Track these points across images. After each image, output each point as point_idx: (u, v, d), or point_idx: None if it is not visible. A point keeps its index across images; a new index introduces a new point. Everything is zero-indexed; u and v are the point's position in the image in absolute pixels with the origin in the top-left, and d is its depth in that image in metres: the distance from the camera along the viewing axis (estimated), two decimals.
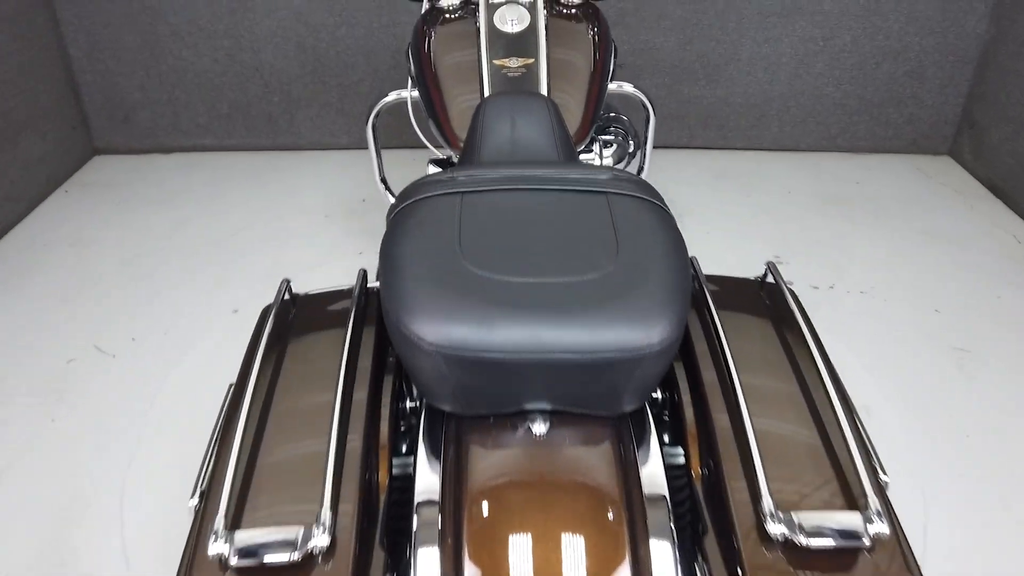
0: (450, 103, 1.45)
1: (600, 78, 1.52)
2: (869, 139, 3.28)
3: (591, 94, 1.49)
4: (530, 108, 1.36)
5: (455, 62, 1.50)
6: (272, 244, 2.59)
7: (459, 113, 1.44)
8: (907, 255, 2.58)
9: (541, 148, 1.32)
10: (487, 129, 1.34)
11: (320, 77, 3.13)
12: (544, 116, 1.35)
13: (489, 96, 1.39)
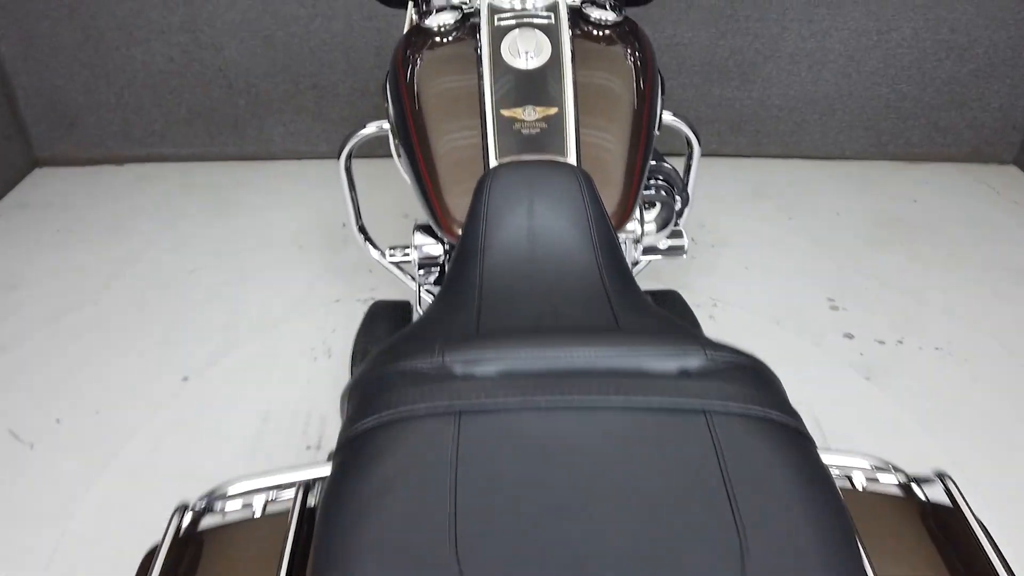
0: (441, 170, 1.05)
1: (647, 129, 1.12)
2: (924, 146, 2.86)
3: (636, 154, 1.08)
4: (555, 186, 0.96)
5: (447, 109, 1.09)
6: (233, 288, 2.19)
7: (452, 186, 1.03)
8: (985, 299, 2.18)
9: (572, 252, 0.91)
10: (494, 218, 0.94)
11: (293, 77, 2.69)
12: (575, 198, 0.95)
13: (497, 167, 0.98)
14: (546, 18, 1.11)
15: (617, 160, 1.06)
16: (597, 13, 1.18)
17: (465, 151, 1.05)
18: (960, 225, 2.53)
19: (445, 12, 1.18)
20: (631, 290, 0.89)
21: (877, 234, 2.47)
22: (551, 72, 1.07)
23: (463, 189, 1.03)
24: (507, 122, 1.03)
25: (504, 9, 1.12)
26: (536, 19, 1.11)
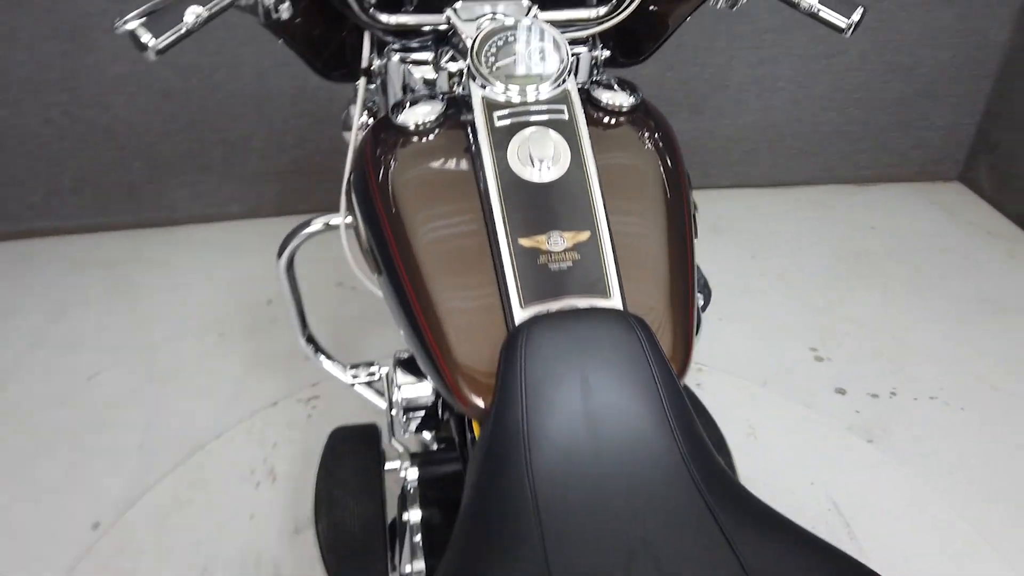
0: (445, 318, 0.80)
1: (691, 243, 0.90)
2: (872, 168, 2.79)
3: (686, 278, 0.87)
4: (610, 347, 0.73)
5: (445, 237, 0.84)
6: (145, 396, 1.85)
7: (463, 340, 0.79)
8: (969, 338, 2.09)
9: (647, 442, 0.69)
10: (536, 397, 0.71)
11: (197, 133, 2.36)
12: (638, 362, 0.73)
13: (529, 323, 0.75)
14: (558, 112, 0.88)
15: (666, 290, 0.84)
16: (608, 96, 0.96)
17: (476, 292, 0.80)
18: (922, 253, 2.44)
19: (422, 104, 0.93)
20: (730, 489, 0.67)
21: (844, 269, 2.36)
22: (574, 184, 0.84)
23: (479, 344, 0.78)
24: (529, 255, 0.80)
25: (503, 103, 0.88)
26: (546, 115, 0.88)
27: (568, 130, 0.87)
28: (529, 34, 0.93)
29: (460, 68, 1.04)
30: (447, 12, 1.03)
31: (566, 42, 0.93)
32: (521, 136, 0.85)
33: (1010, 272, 2.35)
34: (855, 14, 0.88)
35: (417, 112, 0.92)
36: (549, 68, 0.91)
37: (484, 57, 0.91)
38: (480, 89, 0.89)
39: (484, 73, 0.89)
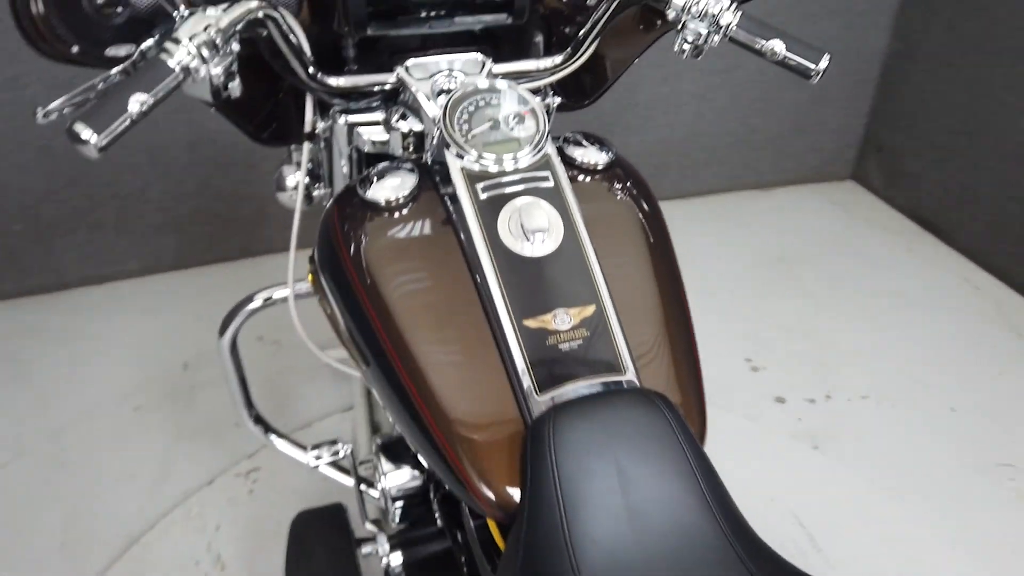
0: (449, 407, 0.74)
1: (684, 299, 0.88)
2: (773, 173, 2.90)
3: (689, 338, 0.85)
4: (639, 431, 0.70)
5: (438, 321, 0.78)
6: (58, 490, 1.67)
7: (476, 436, 0.73)
8: (886, 334, 2.19)
9: (693, 530, 0.66)
10: (573, 494, 0.66)
11: (85, 189, 2.17)
12: (669, 445, 0.70)
13: (554, 412, 0.70)
14: (542, 180, 0.83)
15: (673, 353, 0.81)
16: (580, 153, 0.92)
17: (484, 380, 0.75)
18: (829, 254, 2.55)
19: (390, 176, 0.86)
20: (770, 560, 0.65)
21: (762, 276, 2.43)
22: (571, 255, 0.80)
23: (494, 437, 0.73)
24: (536, 337, 0.75)
25: (485, 174, 0.83)
26: (531, 183, 0.83)
27: (555, 198, 0.83)
28: (502, 97, 0.88)
29: (413, 128, 0.98)
30: (398, 71, 0.97)
31: (541, 105, 0.89)
32: (510, 208, 0.80)
33: (911, 266, 2.49)
34: (822, 61, 0.88)
35: (388, 186, 0.86)
36: (526, 132, 0.86)
37: (457, 124, 0.85)
38: (457, 159, 0.83)
39: (460, 142, 0.84)
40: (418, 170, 0.87)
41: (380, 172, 0.87)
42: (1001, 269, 2.39)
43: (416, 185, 0.85)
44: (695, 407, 0.79)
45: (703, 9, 0.88)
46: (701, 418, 0.80)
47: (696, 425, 0.78)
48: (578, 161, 0.91)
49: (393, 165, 0.88)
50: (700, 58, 0.96)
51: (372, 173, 0.87)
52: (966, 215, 2.50)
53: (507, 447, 0.73)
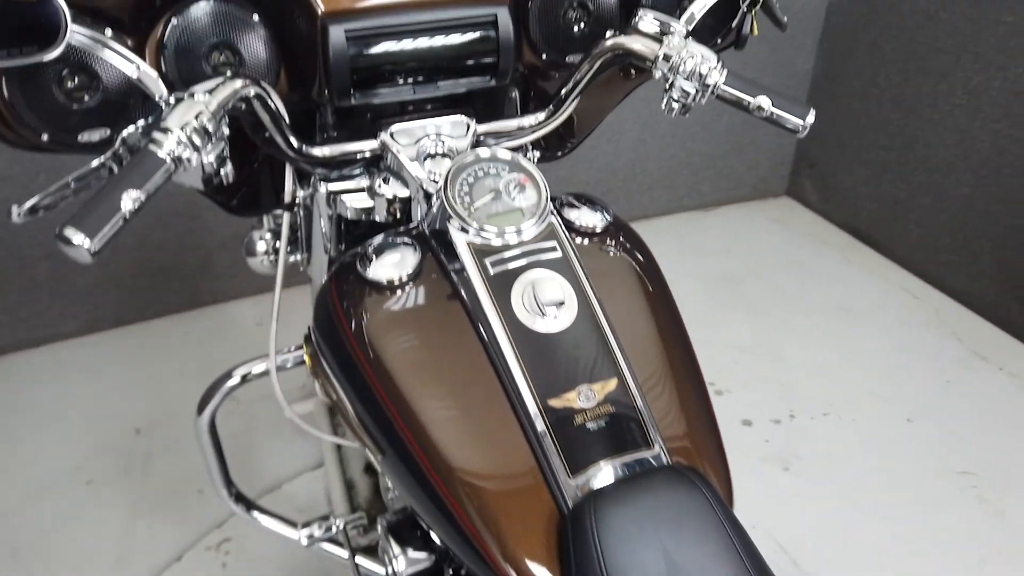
0: (480, 501, 0.72)
1: (694, 358, 0.88)
2: (713, 194, 2.97)
3: (704, 400, 0.85)
4: (682, 512, 0.69)
5: (456, 407, 0.76)
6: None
7: (507, 524, 0.71)
8: (837, 349, 2.26)
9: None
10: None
11: (13, 250, 2.05)
12: (709, 517, 0.69)
13: (590, 501, 0.69)
14: (550, 250, 0.82)
15: (695, 420, 0.81)
16: (576, 215, 0.91)
17: (511, 464, 0.73)
18: (774, 270, 2.62)
19: (390, 252, 0.84)
20: None
21: (713, 296, 2.47)
22: (587, 327, 0.78)
23: (527, 524, 0.71)
24: (563, 417, 0.73)
25: (490, 247, 0.81)
26: (540, 254, 0.81)
27: (565, 268, 0.81)
28: (501, 165, 0.86)
29: (398, 194, 0.95)
30: (382, 137, 0.94)
31: (541, 173, 0.87)
32: (522, 283, 0.79)
33: (852, 278, 2.58)
34: (809, 116, 0.90)
35: (389, 264, 0.83)
36: (527, 201, 0.85)
37: (459, 196, 0.83)
38: (462, 233, 0.81)
39: (463, 215, 0.82)
40: (417, 244, 0.85)
41: (378, 248, 0.84)
42: (936, 277, 2.50)
43: (418, 262, 0.82)
44: (721, 472, 0.79)
45: (692, 68, 0.89)
46: (727, 481, 0.79)
47: (724, 490, 0.78)
48: (576, 224, 0.90)
49: (390, 240, 0.85)
50: (687, 115, 0.96)
51: (369, 249, 0.84)
52: (900, 227, 2.61)
53: (541, 533, 0.70)
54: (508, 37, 0.92)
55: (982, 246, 2.34)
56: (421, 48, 0.90)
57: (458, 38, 0.91)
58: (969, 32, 2.25)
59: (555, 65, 1.04)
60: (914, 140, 2.50)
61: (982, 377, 2.15)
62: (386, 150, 0.95)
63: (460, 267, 0.81)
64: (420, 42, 0.90)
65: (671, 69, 0.90)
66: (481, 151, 0.87)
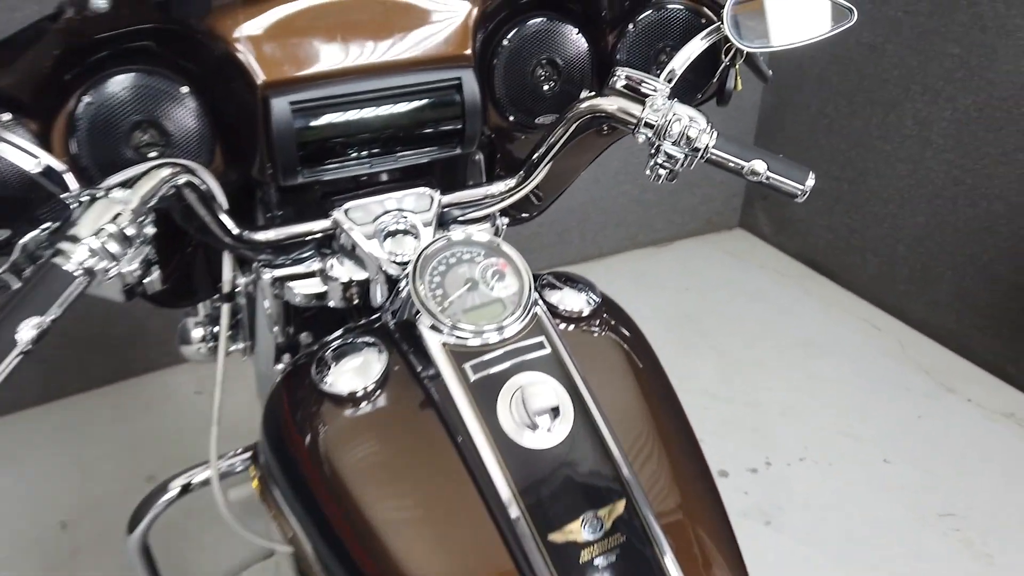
0: None
1: (700, 451, 0.79)
2: (667, 230, 2.92)
3: (715, 493, 0.75)
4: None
5: (444, 549, 0.64)
6: None
7: None
8: (805, 387, 2.20)
9: None
10: None
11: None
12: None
13: None
14: (538, 347, 0.71)
15: (711, 533, 0.71)
16: (559, 298, 0.81)
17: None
18: (733, 305, 2.57)
19: (351, 357, 0.72)
20: None
21: (676, 337, 2.40)
22: (586, 438, 0.68)
23: None
24: (567, 555, 0.62)
25: (469, 349, 0.70)
26: (526, 354, 0.71)
27: (555, 367, 0.71)
28: (477, 251, 0.76)
29: (354, 277, 0.84)
30: (335, 216, 0.83)
31: (522, 257, 0.77)
32: (509, 390, 0.68)
33: (813, 311, 2.55)
34: (808, 180, 0.82)
35: (350, 371, 0.71)
36: (508, 290, 0.74)
37: (429, 288, 0.72)
38: (435, 333, 0.70)
39: (436, 312, 0.70)
40: (382, 344, 0.73)
41: (337, 352, 0.73)
42: (896, 308, 2.48)
43: (385, 367, 0.71)
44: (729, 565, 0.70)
45: (680, 132, 0.80)
46: None
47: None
48: (561, 309, 0.80)
49: (351, 341, 0.74)
50: (674, 182, 0.88)
51: (327, 353, 0.72)
52: (857, 257, 2.59)
53: None
54: (475, 102, 0.82)
55: (940, 275, 2.33)
56: (377, 118, 0.79)
57: (419, 105, 0.81)
58: (915, 64, 2.25)
59: (524, 127, 0.95)
60: (866, 171, 2.48)
61: (952, 410, 2.12)
62: (340, 229, 0.83)
63: (434, 373, 0.69)
64: (376, 111, 0.79)
65: (657, 134, 0.81)
66: (453, 234, 0.76)
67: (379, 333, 0.75)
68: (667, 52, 0.95)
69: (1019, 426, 2.07)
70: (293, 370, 0.77)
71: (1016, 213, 2.09)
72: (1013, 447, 2.00)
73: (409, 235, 0.83)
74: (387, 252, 0.81)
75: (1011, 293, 2.15)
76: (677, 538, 0.67)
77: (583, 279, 0.86)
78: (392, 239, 0.83)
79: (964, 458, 1.96)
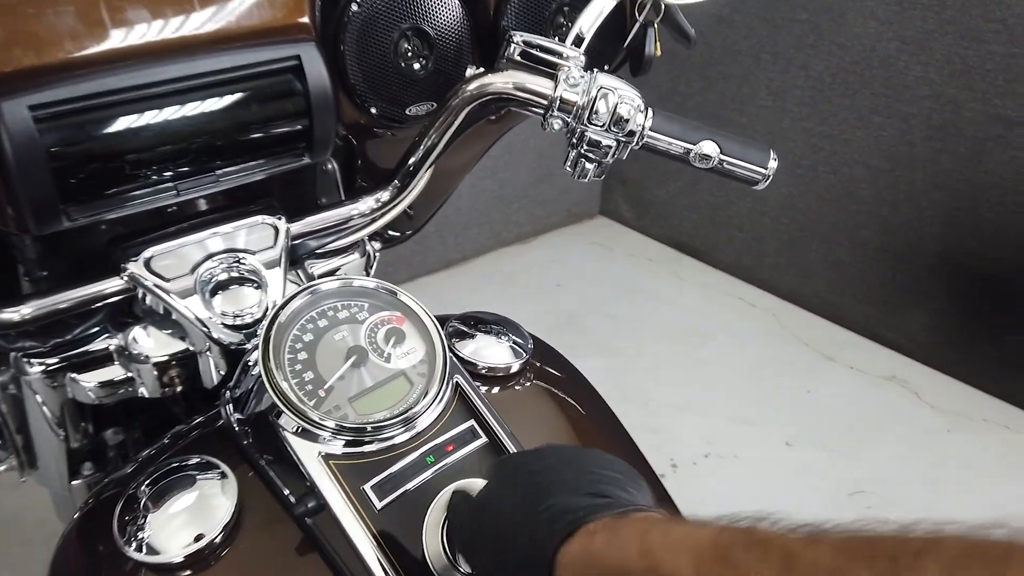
0: None
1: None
2: (530, 223, 2.75)
3: None
4: None
5: None
6: None
7: None
8: (695, 378, 2.11)
9: None
10: None
11: None
12: None
13: None
14: (468, 437, 0.50)
15: None
16: (474, 349, 0.60)
17: None
18: (611, 300, 2.44)
19: (179, 493, 0.47)
20: None
21: (562, 342, 2.23)
22: None
23: None
24: None
25: (366, 459, 0.46)
26: (453, 453, 0.48)
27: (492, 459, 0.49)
28: (358, 304, 0.52)
29: (170, 351, 0.58)
30: (131, 270, 0.56)
31: (422, 306, 0.54)
32: (437, 516, 0.45)
33: (688, 295, 2.47)
34: (770, 163, 0.65)
35: (175, 520, 0.45)
36: (412, 357, 0.51)
37: (292, 371, 0.48)
38: (308, 443, 0.46)
39: (306, 409, 0.46)
40: (226, 464, 0.48)
41: (156, 488, 0.47)
42: (768, 282, 2.45)
43: (233, 508, 0.46)
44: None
45: (610, 112, 0.60)
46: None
47: None
48: (481, 367, 0.58)
49: (175, 466, 0.48)
50: (603, 176, 0.68)
51: (140, 489, 0.47)
52: (723, 235, 2.54)
53: None
54: (322, 88, 0.58)
55: (808, 245, 2.31)
56: (179, 123, 0.53)
57: (242, 99, 0.56)
58: (765, 33, 2.20)
59: (391, 121, 0.71)
60: None
61: (837, 380, 2.10)
62: (140, 288, 0.57)
63: (315, 505, 0.45)
64: (177, 112, 0.53)
65: (577, 117, 0.60)
66: (323, 284, 0.52)
67: (219, 443, 0.50)
68: (565, 13, 0.75)
69: (902, 387, 2.07)
70: (89, 511, 0.50)
71: (876, 176, 2.09)
72: (901, 410, 1.99)
73: (248, 284, 0.58)
74: (218, 313, 0.56)
75: (878, 256, 2.15)
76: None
77: (501, 318, 0.65)
78: (224, 293, 0.57)
79: (858, 428, 1.92)
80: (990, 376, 2.01)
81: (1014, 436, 1.89)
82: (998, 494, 1.72)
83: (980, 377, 2.03)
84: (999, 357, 1.98)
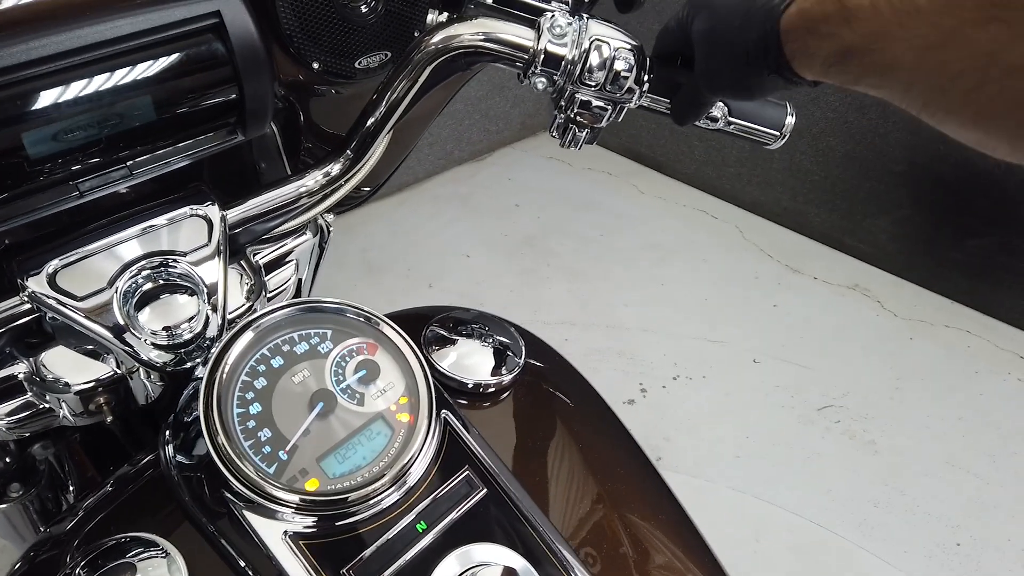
0: None
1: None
2: (484, 139, 2.63)
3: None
4: None
5: None
6: None
7: None
8: (660, 297, 2.07)
9: None
10: None
11: None
12: None
13: None
14: (465, 490, 0.42)
15: None
16: (454, 360, 0.52)
17: None
18: (572, 219, 2.37)
19: None
20: None
21: (523, 267, 2.17)
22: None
23: None
24: None
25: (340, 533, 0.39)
26: (452, 511, 0.41)
27: (504, 519, 0.41)
28: (317, 332, 0.43)
29: (88, 376, 0.49)
30: (30, 287, 0.46)
31: (399, 330, 0.45)
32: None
33: (650, 210, 2.41)
34: (788, 118, 0.57)
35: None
36: (391, 393, 0.43)
37: (243, 428, 0.39)
38: (270, 521, 0.38)
39: (258, 478, 0.38)
40: (171, 540, 0.40)
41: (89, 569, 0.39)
42: (729, 192, 2.40)
43: None
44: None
45: (604, 67, 0.51)
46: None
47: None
48: (472, 386, 0.50)
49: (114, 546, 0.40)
50: (595, 143, 0.59)
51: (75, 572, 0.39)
52: (683, 145, 2.46)
53: None
54: (251, 47, 0.48)
55: (770, 153, 2.24)
56: (70, 106, 0.42)
57: (154, 72, 0.45)
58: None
59: (337, 76, 0.61)
60: None
61: (802, 291, 2.08)
62: (41, 309, 0.47)
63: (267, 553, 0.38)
64: (64, 93, 0.42)
65: (566, 74, 0.50)
66: (278, 314, 0.43)
67: (162, 501, 0.42)
68: None
69: (864, 296, 2.06)
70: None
71: None
72: (865, 318, 1.99)
73: (181, 292, 0.49)
74: (146, 332, 0.47)
75: (844, 163, 2.10)
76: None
77: (484, 315, 0.57)
78: (152, 306, 0.48)
79: (824, 340, 1.92)
80: (952, 281, 2.01)
81: (975, 340, 1.91)
82: (963, 400, 1.75)
83: (942, 282, 2.04)
84: (961, 261, 1.97)
